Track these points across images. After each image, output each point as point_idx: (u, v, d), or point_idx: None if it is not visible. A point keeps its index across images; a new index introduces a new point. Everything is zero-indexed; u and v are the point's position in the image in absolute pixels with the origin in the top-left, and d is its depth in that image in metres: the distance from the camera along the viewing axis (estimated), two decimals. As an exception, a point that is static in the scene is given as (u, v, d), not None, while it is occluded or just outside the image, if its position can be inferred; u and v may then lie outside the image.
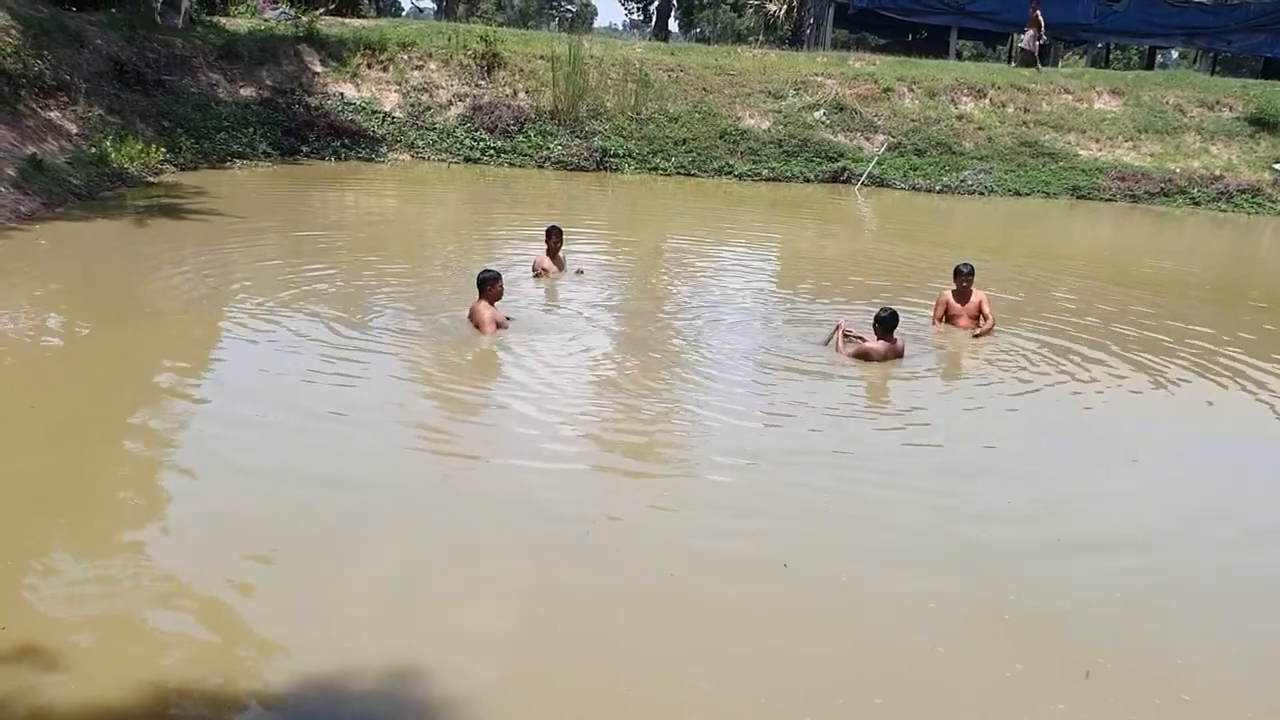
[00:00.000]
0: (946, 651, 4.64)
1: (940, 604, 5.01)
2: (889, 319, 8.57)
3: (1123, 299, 12.10)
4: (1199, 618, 5.08)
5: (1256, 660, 4.78)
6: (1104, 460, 7.12)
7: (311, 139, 20.46)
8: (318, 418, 6.92)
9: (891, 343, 8.60)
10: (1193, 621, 5.04)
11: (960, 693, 4.37)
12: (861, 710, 4.21)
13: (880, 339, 8.60)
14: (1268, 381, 8.92)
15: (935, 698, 4.33)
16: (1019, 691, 4.37)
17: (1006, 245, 17.10)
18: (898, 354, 8.65)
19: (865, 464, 6.74)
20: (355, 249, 12.65)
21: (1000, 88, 25.31)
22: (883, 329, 8.59)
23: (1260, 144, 24.43)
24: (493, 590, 4.92)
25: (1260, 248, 19.91)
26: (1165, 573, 5.55)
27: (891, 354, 8.61)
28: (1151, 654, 4.72)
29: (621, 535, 5.55)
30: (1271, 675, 4.68)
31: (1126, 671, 4.53)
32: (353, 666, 4.22)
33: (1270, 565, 5.78)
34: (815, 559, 5.38)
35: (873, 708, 4.23)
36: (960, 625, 4.86)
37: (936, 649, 4.65)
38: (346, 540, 5.29)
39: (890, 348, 8.59)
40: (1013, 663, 4.53)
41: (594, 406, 7.54)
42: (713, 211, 19.01)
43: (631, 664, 4.43)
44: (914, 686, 4.40)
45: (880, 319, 8.60)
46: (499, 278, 8.87)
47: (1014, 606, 5.02)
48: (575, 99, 22.60)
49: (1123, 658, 4.63)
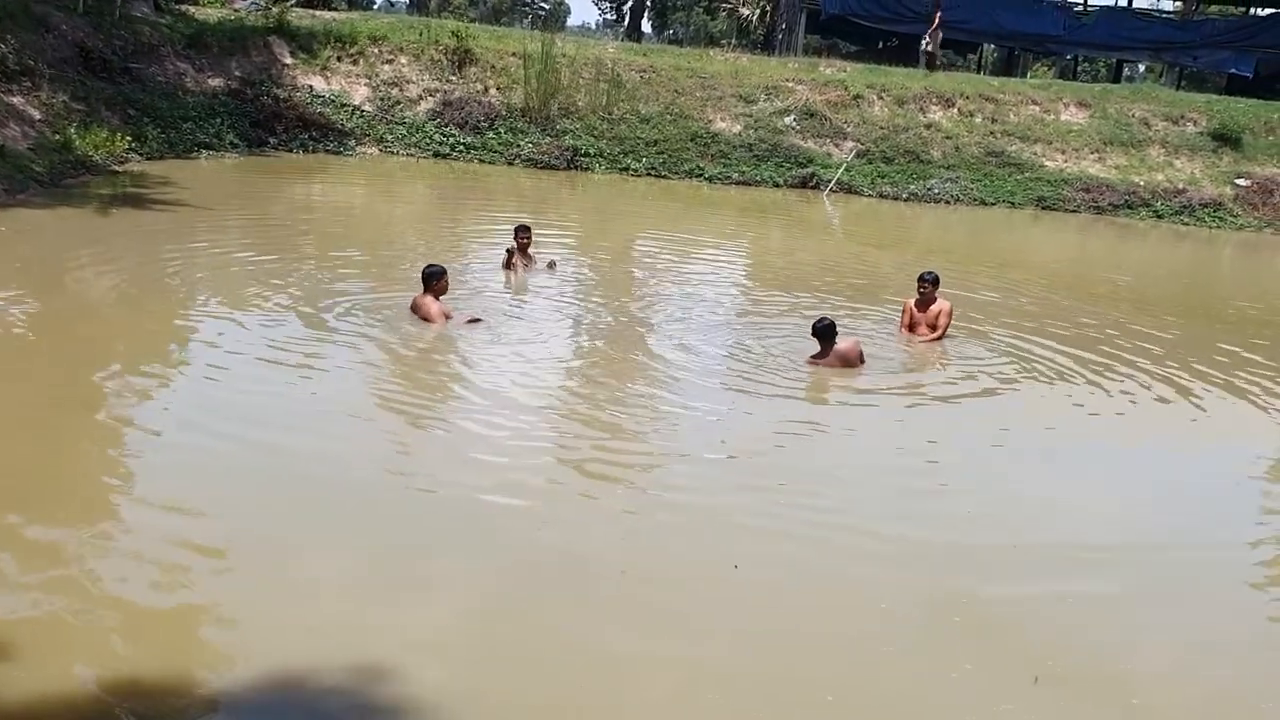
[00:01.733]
0: (896, 651, 4.69)
1: (891, 606, 5.06)
2: (825, 329, 8.53)
3: (1081, 311, 12.23)
4: (1152, 625, 5.16)
5: (1207, 666, 4.86)
6: (1061, 470, 7.19)
7: (279, 131, 20.28)
8: (276, 412, 6.88)
9: (832, 350, 8.54)
10: (1145, 629, 5.12)
11: (908, 692, 4.43)
12: (812, 707, 4.26)
13: (822, 349, 8.58)
14: (1222, 394, 9.06)
15: (884, 696, 4.39)
16: (967, 691, 4.42)
17: (971, 254, 17.24)
18: (850, 361, 8.58)
19: (820, 469, 6.79)
20: (321, 243, 12.57)
21: (968, 97, 25.52)
22: (820, 340, 8.56)
23: (1223, 159, 24.79)
24: (446, 588, 4.91)
25: (1220, 262, 20.20)
26: (1119, 581, 5.61)
27: (840, 361, 8.55)
28: (1102, 659, 4.77)
29: (576, 532, 5.56)
30: (1222, 681, 4.76)
31: (1076, 675, 4.59)
32: (307, 663, 4.19)
33: (1224, 574, 5.87)
34: (765, 560, 5.40)
35: (823, 704, 4.28)
36: (911, 627, 4.92)
37: (886, 648, 4.71)
38: (302, 536, 5.27)
39: (837, 355, 8.56)
40: (962, 664, 4.59)
41: (552, 401, 7.55)
42: (683, 213, 19.05)
43: (583, 662, 4.44)
44: (863, 684, 4.46)
45: (816, 330, 8.58)
46: (445, 272, 8.87)
47: (965, 610, 5.07)
48: (547, 97, 22.57)
49: (1073, 662, 4.69)
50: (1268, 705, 4.58)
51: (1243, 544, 6.25)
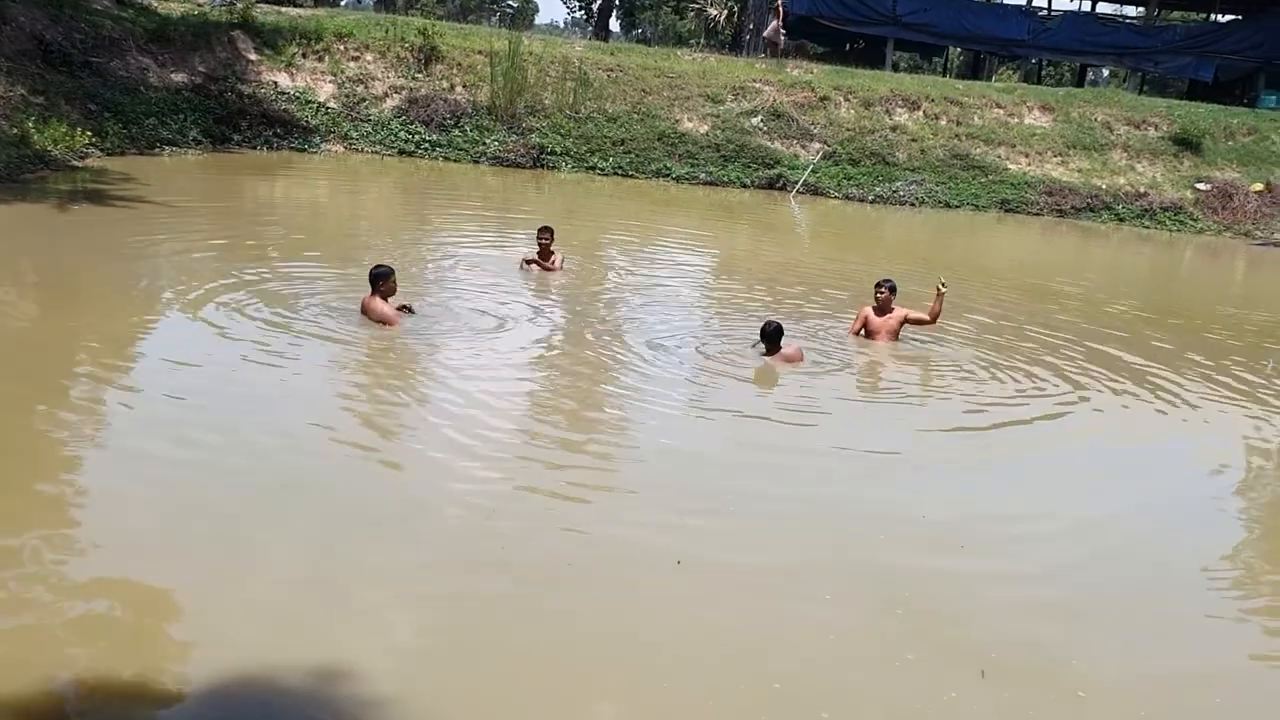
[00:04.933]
0: (841, 642, 4.75)
1: (836, 597, 5.11)
2: (773, 332, 8.70)
3: (1044, 314, 12.35)
4: (1100, 623, 5.20)
5: (1152, 662, 4.91)
6: (1015, 470, 7.26)
7: (244, 127, 20.13)
8: (235, 412, 6.80)
9: (778, 353, 8.70)
10: (1093, 626, 5.16)
11: (854, 681, 4.47)
12: (760, 696, 4.28)
13: (769, 350, 8.72)
14: (1177, 396, 9.16)
15: (829, 685, 4.43)
16: (912, 682, 4.46)
17: (935, 258, 17.36)
18: (792, 361, 8.75)
19: (772, 467, 6.80)
20: (284, 241, 12.47)
21: (934, 100, 25.71)
22: (767, 342, 8.71)
23: (1184, 163, 25.13)
24: (402, 588, 4.88)
25: (1180, 265, 20.45)
26: (1069, 578, 5.66)
27: (785, 363, 8.72)
28: (1049, 655, 4.82)
29: (529, 530, 5.53)
30: (1167, 677, 4.81)
31: (1023, 669, 4.64)
32: (263, 666, 4.16)
33: (1172, 573, 5.94)
34: (713, 556, 5.41)
35: (770, 694, 4.30)
36: (856, 618, 4.96)
37: (831, 639, 4.76)
38: (260, 537, 5.21)
39: (782, 357, 8.70)
40: (905, 655, 4.63)
41: (512, 402, 7.52)
42: (650, 213, 19.06)
43: (535, 661, 4.43)
44: (808, 674, 4.49)
45: (764, 333, 8.73)
46: (392, 273, 8.79)
47: (912, 603, 5.10)
48: (513, 95, 22.53)
49: (1020, 656, 4.75)
50: (1217, 699, 4.65)
51: (1193, 545, 6.33)
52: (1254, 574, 6.10)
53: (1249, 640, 5.28)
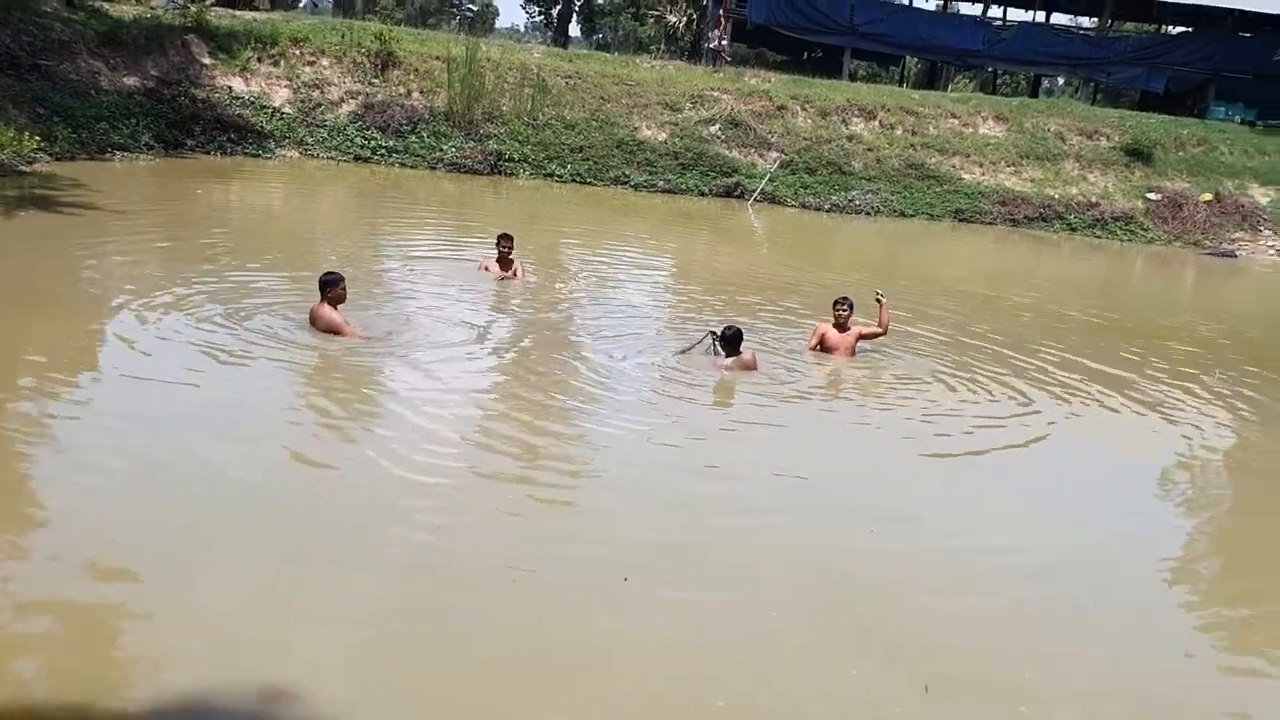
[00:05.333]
0: (788, 656, 4.77)
1: (783, 612, 5.13)
2: (733, 337, 8.84)
3: (994, 324, 12.48)
4: (1045, 636, 5.26)
5: (1098, 677, 4.96)
6: (962, 482, 7.34)
7: (197, 132, 19.90)
8: (186, 422, 6.71)
9: (736, 357, 8.84)
10: (1038, 640, 5.22)
11: (799, 696, 4.50)
12: (704, 712, 4.30)
13: (728, 354, 8.85)
14: (1128, 407, 9.29)
15: (775, 700, 4.45)
16: (857, 696, 4.50)
17: (891, 266, 17.52)
18: (749, 369, 8.87)
19: (722, 478, 6.83)
20: (238, 248, 12.34)
21: (890, 110, 25.93)
22: (726, 347, 8.84)
23: (1135, 173, 25.51)
24: (348, 604, 4.84)
25: (1131, 275, 20.75)
26: (1013, 591, 5.71)
27: (740, 367, 8.84)
28: (993, 669, 4.87)
29: (478, 544, 5.52)
30: (1112, 692, 4.86)
31: (967, 684, 4.69)
32: (208, 685, 4.11)
33: (1120, 587, 6.00)
34: (660, 572, 5.41)
35: (715, 710, 4.32)
36: (802, 632, 4.99)
37: (778, 653, 4.78)
38: (206, 553, 5.15)
39: (739, 362, 8.82)
40: (851, 670, 4.67)
41: (464, 412, 7.48)
42: (608, 220, 19.08)
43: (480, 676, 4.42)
44: (754, 689, 4.51)
45: (725, 337, 8.86)
46: (340, 280, 8.68)
47: (858, 618, 5.14)
48: (471, 101, 22.45)
49: (965, 671, 4.79)
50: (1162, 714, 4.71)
51: (1141, 559, 6.42)
52: (1202, 587, 6.20)
53: (1197, 655, 5.37)
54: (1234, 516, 7.39)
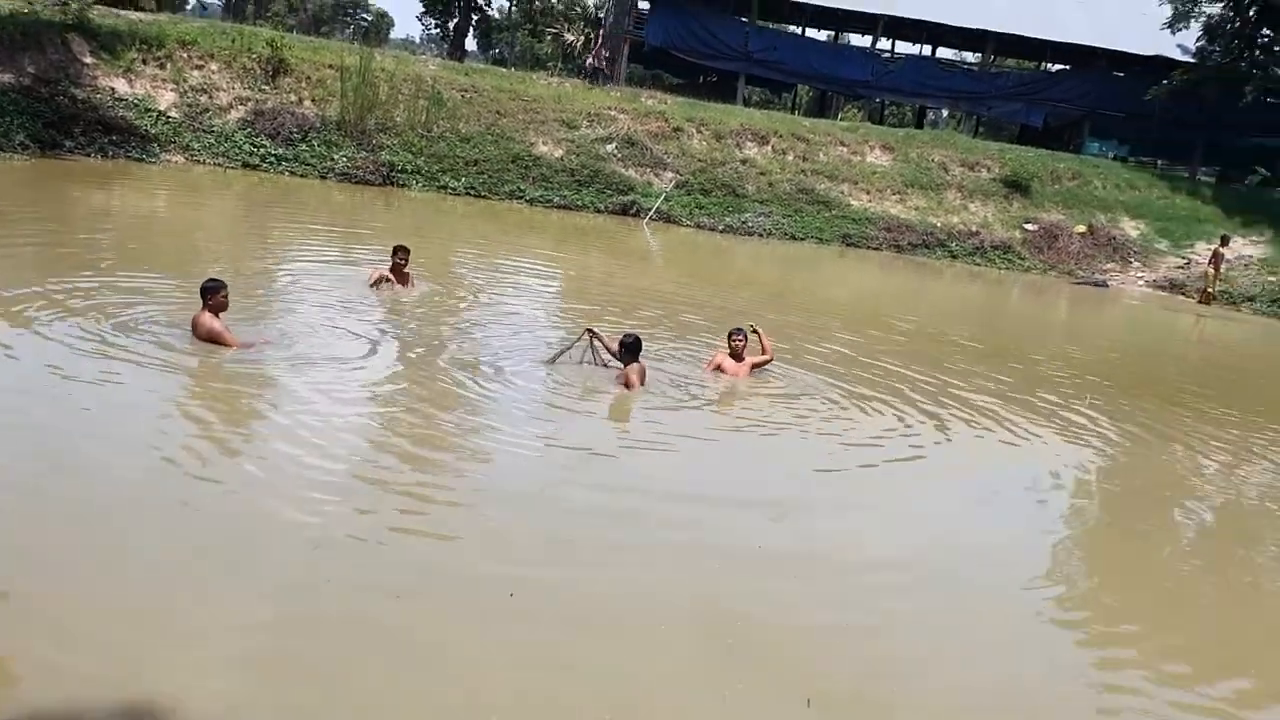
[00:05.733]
0: (671, 673, 4.79)
1: (667, 628, 5.16)
2: (633, 345, 8.89)
3: (879, 346, 12.78)
4: (922, 651, 5.39)
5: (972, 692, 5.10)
6: (842, 499, 7.49)
7: (77, 133, 19.20)
8: (58, 433, 6.47)
9: (633, 365, 8.89)
10: (917, 654, 5.35)
11: (682, 712, 4.52)
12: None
13: (624, 361, 8.90)
14: (1002, 427, 9.59)
15: (657, 717, 4.48)
16: (740, 712, 4.53)
17: (782, 288, 17.80)
18: (640, 377, 8.90)
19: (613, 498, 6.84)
20: (119, 253, 11.94)
21: (782, 136, 26.46)
22: (627, 354, 8.89)
23: (1013, 204, 26.45)
24: (228, 619, 4.71)
25: (1008, 301, 21.47)
26: (895, 610, 5.83)
27: (636, 376, 8.87)
28: (874, 683, 4.97)
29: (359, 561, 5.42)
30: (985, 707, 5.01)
31: (848, 699, 4.78)
32: (84, 701, 3.98)
33: (996, 602, 6.18)
34: (547, 588, 5.40)
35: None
36: (685, 648, 5.01)
37: (661, 670, 4.80)
38: (83, 567, 4.96)
39: (634, 370, 8.87)
40: (735, 684, 4.71)
41: (351, 430, 7.30)
42: (503, 234, 19.00)
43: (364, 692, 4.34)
44: (637, 706, 4.53)
45: (625, 345, 8.91)
46: (222, 287, 8.45)
47: (740, 633, 5.20)
48: (363, 111, 22.17)
49: (846, 686, 4.89)
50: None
51: (1016, 575, 6.60)
52: (1071, 601, 6.40)
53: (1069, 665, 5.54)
54: (1100, 534, 7.69)
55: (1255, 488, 9.09)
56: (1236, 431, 10.78)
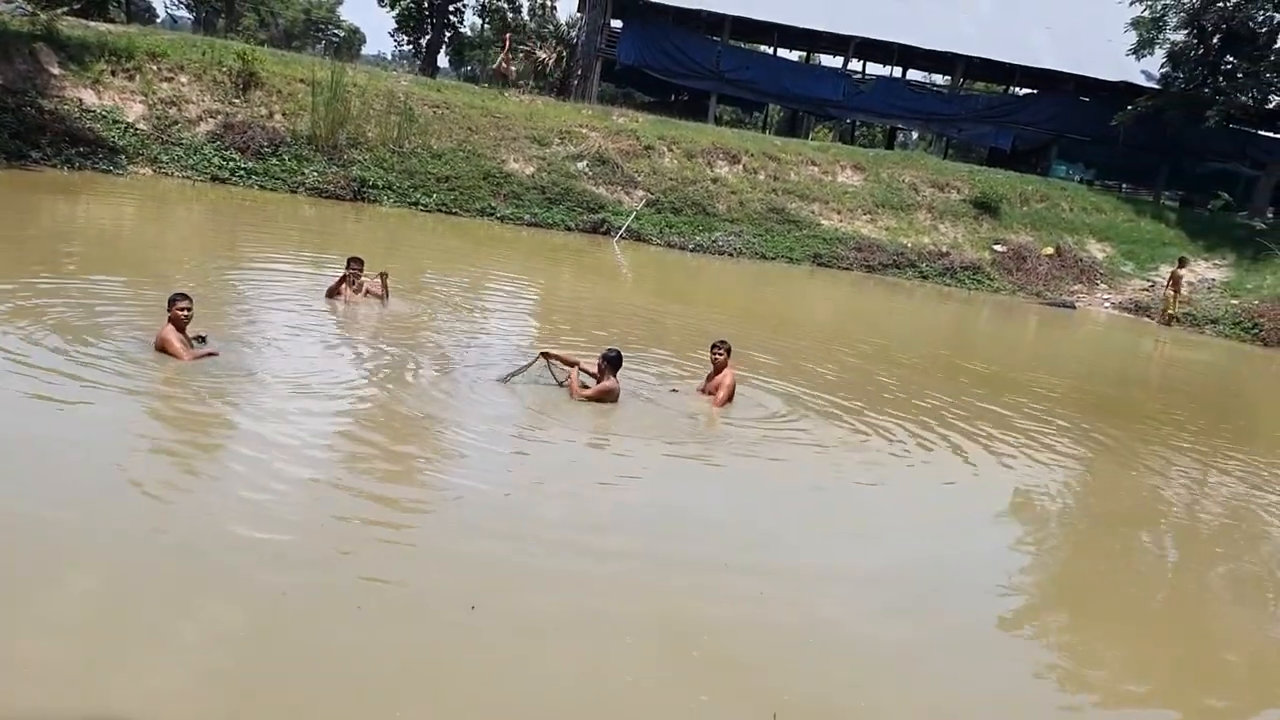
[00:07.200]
0: (636, 684, 4.79)
1: (634, 640, 5.15)
2: (614, 359, 8.91)
3: (849, 367, 12.82)
4: (887, 666, 5.40)
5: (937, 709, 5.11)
6: (810, 515, 7.49)
7: (44, 144, 19.03)
8: (14, 447, 6.36)
9: (610, 378, 8.90)
10: (880, 670, 5.36)
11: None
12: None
13: (601, 374, 8.89)
14: (973, 447, 9.63)
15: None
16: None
17: (752, 307, 17.85)
18: (613, 392, 8.92)
19: (575, 510, 6.84)
20: (83, 266, 11.80)
21: (753, 155, 26.58)
22: (610, 368, 8.89)
23: (982, 225, 26.67)
24: (184, 637, 4.64)
25: (978, 322, 21.61)
26: (860, 627, 5.83)
27: (608, 391, 8.88)
28: (838, 698, 4.98)
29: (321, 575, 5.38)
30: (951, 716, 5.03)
31: (813, 713, 4.78)
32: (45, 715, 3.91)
33: (956, 616, 6.20)
34: (510, 602, 5.37)
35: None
36: (651, 660, 5.02)
37: (626, 681, 4.80)
38: (36, 583, 4.88)
39: (608, 386, 8.88)
40: (700, 696, 4.70)
41: (311, 442, 7.23)
42: (473, 250, 18.96)
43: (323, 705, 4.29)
44: (603, 717, 4.53)
45: (606, 358, 8.90)
46: (181, 297, 8.33)
47: (709, 650, 5.18)
48: (335, 126, 22.09)
49: (812, 698, 4.89)
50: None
51: (980, 593, 6.63)
52: (1039, 616, 6.45)
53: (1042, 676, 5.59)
54: (1067, 551, 7.76)
55: (1219, 505, 9.17)
56: (1202, 451, 10.89)
